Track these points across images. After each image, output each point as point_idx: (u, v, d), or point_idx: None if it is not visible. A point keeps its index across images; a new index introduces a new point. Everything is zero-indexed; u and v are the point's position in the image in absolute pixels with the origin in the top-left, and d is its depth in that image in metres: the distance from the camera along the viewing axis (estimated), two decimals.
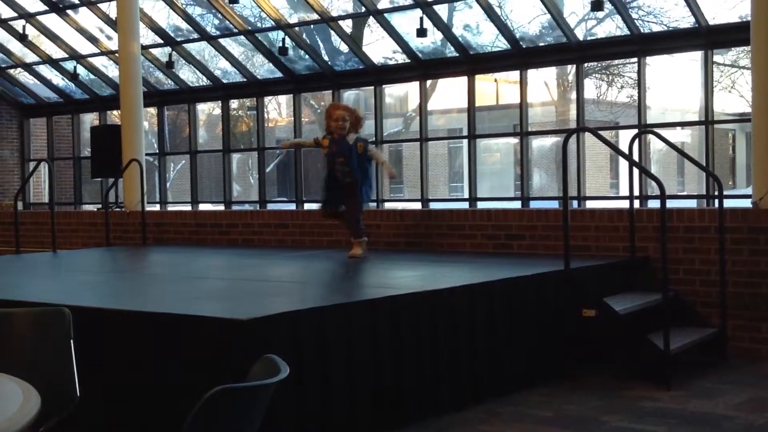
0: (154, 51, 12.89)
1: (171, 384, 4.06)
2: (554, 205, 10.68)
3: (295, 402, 4.04)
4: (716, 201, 6.42)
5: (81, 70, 13.84)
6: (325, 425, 4.21)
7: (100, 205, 12.17)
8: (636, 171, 6.81)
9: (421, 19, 10.25)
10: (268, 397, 2.18)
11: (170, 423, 2.71)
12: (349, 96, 16.20)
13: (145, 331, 4.24)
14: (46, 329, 3.06)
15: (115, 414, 4.25)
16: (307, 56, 11.85)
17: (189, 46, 12.66)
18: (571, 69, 12.60)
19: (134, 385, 4.22)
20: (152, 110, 14.60)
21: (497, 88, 21.66)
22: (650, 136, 9.41)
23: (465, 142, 11.18)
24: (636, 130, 8.60)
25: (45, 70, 14.51)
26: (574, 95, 10.51)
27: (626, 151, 6.65)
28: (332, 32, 11.55)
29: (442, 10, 10.39)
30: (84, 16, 12.93)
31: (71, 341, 3.02)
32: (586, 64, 10.40)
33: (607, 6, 9.21)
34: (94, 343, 4.12)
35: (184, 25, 12.40)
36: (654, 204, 8.77)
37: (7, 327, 3.09)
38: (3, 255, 9.86)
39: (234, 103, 15.19)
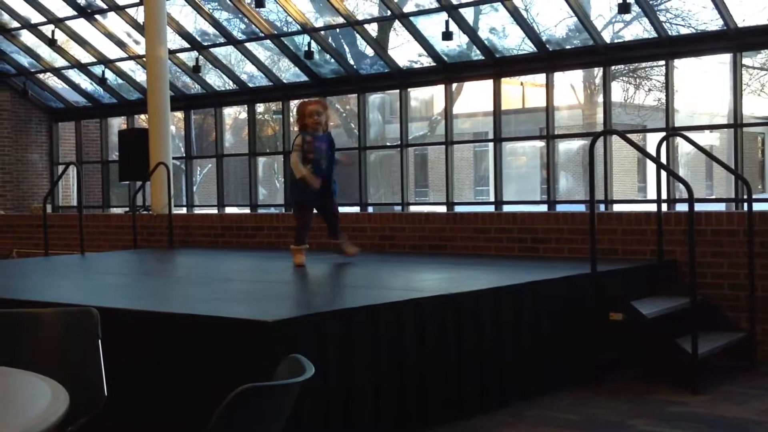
0: (181, 55, 12.99)
1: (197, 384, 4.08)
2: (581, 208, 10.62)
3: (319, 402, 4.05)
4: (745, 204, 6.35)
5: (109, 75, 13.97)
6: (350, 426, 4.22)
7: (127, 208, 12.26)
8: (664, 174, 6.75)
9: (447, 22, 10.25)
10: (293, 396, 2.19)
11: (196, 423, 2.72)
12: (374, 99, 16.20)
13: (171, 332, 4.27)
14: (75, 329, 3.08)
15: (142, 414, 4.28)
16: (332, 60, 11.88)
17: (216, 51, 12.74)
18: (598, 72, 12.56)
19: (161, 386, 4.25)
20: (179, 114, 14.70)
21: (523, 91, 21.62)
22: (678, 139, 9.34)
23: (491, 145, 11.16)
24: (664, 133, 8.54)
25: (74, 75, 14.66)
26: (600, 98, 10.46)
27: (654, 154, 6.60)
28: (358, 36, 11.57)
29: (467, 13, 10.38)
30: (112, 21, 13.05)
31: (99, 341, 3.04)
32: (613, 67, 10.36)
33: (635, 9, 9.15)
34: (121, 343, 4.15)
35: (210, 30, 12.48)
36: (682, 207, 8.70)
37: (37, 327, 3.12)
38: (32, 257, 9.96)
39: (260, 107, 15.28)
